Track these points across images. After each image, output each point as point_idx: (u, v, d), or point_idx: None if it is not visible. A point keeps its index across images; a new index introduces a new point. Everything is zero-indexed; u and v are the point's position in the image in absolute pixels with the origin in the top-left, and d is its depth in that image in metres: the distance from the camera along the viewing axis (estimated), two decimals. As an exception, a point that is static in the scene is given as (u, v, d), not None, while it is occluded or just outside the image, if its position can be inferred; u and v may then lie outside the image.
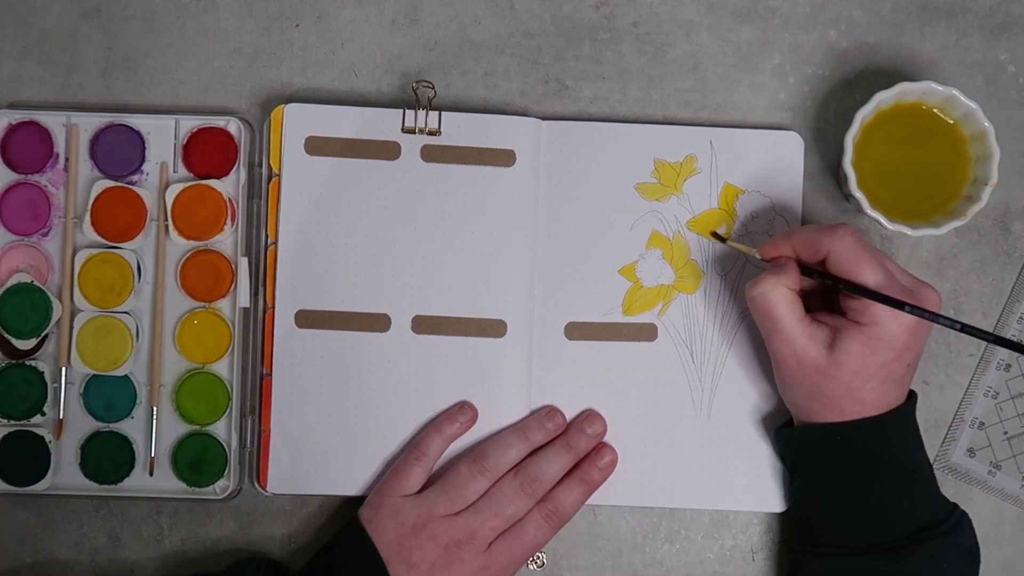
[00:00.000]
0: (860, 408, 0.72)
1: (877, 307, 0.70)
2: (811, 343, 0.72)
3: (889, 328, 0.70)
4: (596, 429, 0.79)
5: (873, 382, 0.71)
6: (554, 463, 0.78)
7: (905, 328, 0.70)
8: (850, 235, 0.72)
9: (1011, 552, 0.79)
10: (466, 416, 0.79)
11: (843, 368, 0.71)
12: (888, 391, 0.72)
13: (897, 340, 0.71)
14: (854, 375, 0.71)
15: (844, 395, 0.72)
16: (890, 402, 0.73)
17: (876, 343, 0.70)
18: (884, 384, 0.72)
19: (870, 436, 0.73)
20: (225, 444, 0.80)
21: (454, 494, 0.76)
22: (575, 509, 0.78)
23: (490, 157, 0.80)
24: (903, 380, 0.73)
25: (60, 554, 0.81)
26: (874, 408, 0.72)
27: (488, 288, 0.80)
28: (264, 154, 0.81)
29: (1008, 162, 0.79)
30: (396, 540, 0.75)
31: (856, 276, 0.71)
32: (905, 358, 0.72)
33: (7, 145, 0.81)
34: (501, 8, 0.83)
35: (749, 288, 0.74)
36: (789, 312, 0.72)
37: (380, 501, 0.77)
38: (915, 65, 0.83)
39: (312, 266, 0.80)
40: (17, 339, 0.80)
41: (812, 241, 0.73)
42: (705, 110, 0.83)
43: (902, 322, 0.70)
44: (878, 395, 0.72)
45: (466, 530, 0.75)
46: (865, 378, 0.71)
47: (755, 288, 0.73)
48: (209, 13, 0.83)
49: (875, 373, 0.71)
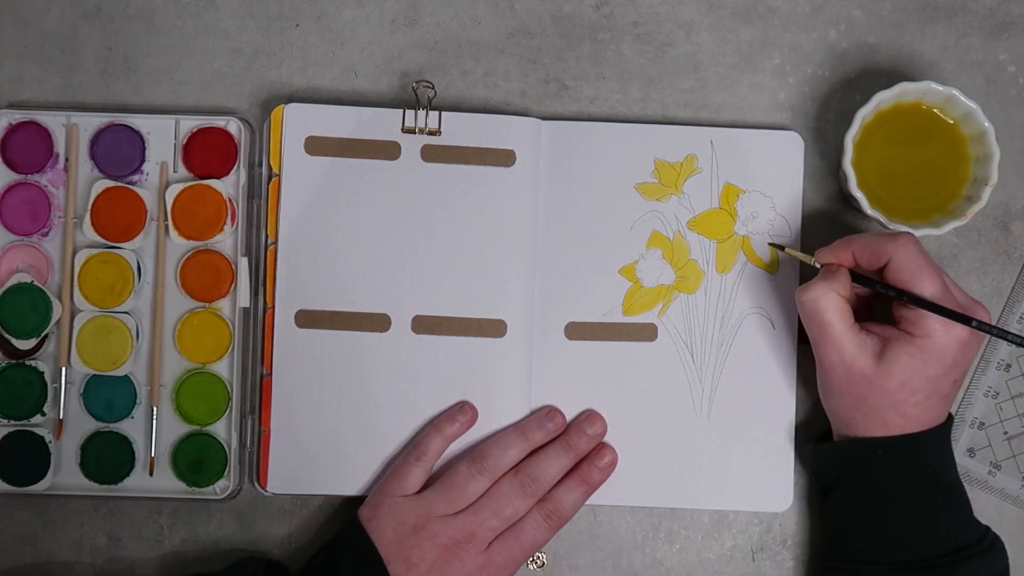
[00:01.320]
0: (903, 422, 0.72)
1: (930, 319, 0.70)
2: (860, 351, 0.72)
3: (941, 342, 0.70)
4: (596, 429, 0.79)
5: (919, 396, 0.71)
6: (554, 463, 0.78)
7: (956, 343, 0.70)
8: (913, 244, 0.71)
9: (1011, 552, 0.79)
10: (466, 416, 0.79)
11: (891, 379, 0.71)
12: (932, 407, 0.72)
13: (947, 355, 0.70)
14: (901, 387, 0.71)
15: (889, 407, 0.72)
16: (932, 419, 0.73)
17: (927, 356, 0.70)
18: (930, 399, 0.71)
19: (912, 453, 0.72)
20: (225, 444, 0.80)
21: (454, 494, 0.76)
22: (575, 509, 0.78)
23: (490, 157, 0.80)
24: (948, 397, 0.73)
25: (60, 554, 0.81)
26: (916, 423, 0.72)
27: (488, 288, 0.80)
28: (264, 154, 0.81)
29: (1008, 162, 0.79)
30: (396, 540, 0.75)
31: (916, 286, 0.70)
32: (952, 374, 0.71)
33: (7, 145, 0.81)
34: (501, 8, 0.83)
35: (800, 293, 0.73)
36: (839, 319, 0.72)
37: (380, 501, 0.77)
38: (915, 65, 0.83)
39: (312, 266, 0.80)
40: (17, 339, 0.80)
41: (874, 248, 0.72)
42: (705, 110, 0.83)
43: (954, 337, 0.70)
44: (922, 410, 0.72)
45: (465, 530, 0.75)
46: (911, 391, 0.71)
47: (806, 293, 0.73)
48: (209, 13, 0.83)
49: (922, 387, 0.71)
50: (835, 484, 0.76)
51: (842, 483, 0.75)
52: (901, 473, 0.73)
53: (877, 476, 0.73)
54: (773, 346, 0.81)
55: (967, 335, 0.70)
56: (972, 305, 0.72)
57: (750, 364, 0.81)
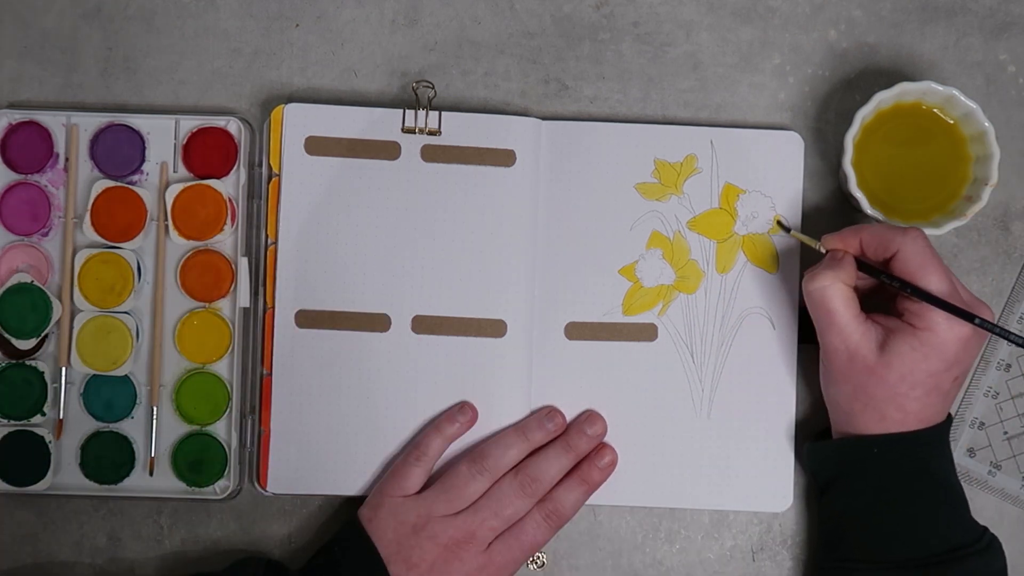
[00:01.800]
0: (902, 417, 0.72)
1: (934, 313, 0.70)
2: (864, 340, 0.72)
3: (944, 336, 0.70)
4: (596, 430, 0.79)
5: (919, 391, 0.71)
6: (554, 463, 0.78)
7: (959, 339, 0.70)
8: (922, 238, 0.72)
9: (1011, 552, 0.79)
10: (466, 416, 0.79)
11: (892, 370, 0.71)
12: (932, 403, 0.72)
13: (949, 350, 0.70)
14: (902, 379, 0.71)
15: (888, 399, 0.72)
16: (930, 416, 0.73)
17: (928, 349, 0.70)
18: (930, 395, 0.72)
19: (910, 451, 0.73)
20: (225, 444, 0.80)
21: (454, 494, 0.76)
22: (575, 509, 0.78)
23: (490, 157, 0.80)
24: (948, 395, 0.73)
25: (60, 554, 0.81)
26: (916, 419, 0.72)
27: (488, 288, 0.80)
28: (264, 154, 0.81)
29: (1008, 162, 0.79)
30: (396, 540, 0.75)
31: (922, 280, 0.71)
32: (954, 371, 0.71)
33: (7, 145, 0.81)
34: (501, 8, 0.83)
35: (807, 282, 0.73)
36: (845, 308, 0.72)
37: (380, 501, 0.77)
38: (915, 65, 0.83)
39: (312, 266, 0.80)
40: (17, 339, 0.80)
41: (883, 238, 0.72)
42: (705, 110, 0.83)
43: (956, 332, 0.70)
44: (921, 405, 0.72)
45: (465, 530, 0.75)
46: (912, 385, 0.71)
47: (813, 282, 0.73)
48: (209, 13, 0.83)
49: (922, 381, 0.71)
50: (832, 482, 0.76)
51: (839, 481, 0.75)
52: (899, 471, 0.73)
53: (875, 474, 0.73)
54: (773, 346, 0.81)
55: (969, 332, 0.70)
56: (977, 304, 0.72)
57: (750, 364, 0.81)
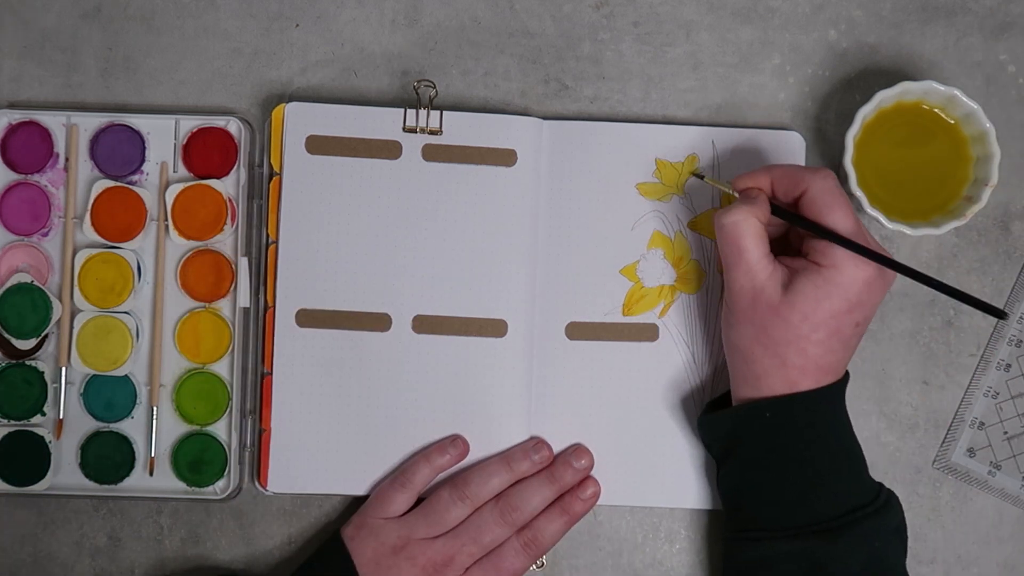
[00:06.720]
0: (802, 362, 0.71)
1: (838, 251, 0.70)
2: (770, 280, 0.71)
3: (847, 274, 0.70)
4: (584, 463, 0.79)
5: (820, 333, 0.71)
6: (536, 494, 0.77)
7: (862, 279, 0.70)
8: (831, 178, 0.72)
9: (1011, 552, 0.79)
10: (457, 449, 0.79)
11: (795, 309, 0.70)
12: (832, 348, 0.71)
13: (852, 289, 0.70)
14: (804, 319, 0.70)
15: (789, 342, 0.71)
16: (830, 364, 0.72)
17: (831, 287, 0.70)
18: (831, 339, 0.71)
19: (802, 413, 0.72)
20: (225, 444, 0.80)
21: (434, 519, 0.76)
22: (555, 540, 0.78)
23: (491, 157, 0.80)
24: (848, 342, 0.72)
25: (60, 554, 0.81)
26: (815, 367, 0.71)
27: (489, 288, 0.80)
28: (265, 153, 0.81)
29: (1008, 162, 0.79)
30: (375, 559, 0.75)
31: (828, 219, 0.71)
32: (855, 315, 0.71)
33: (7, 145, 0.81)
34: (501, 8, 0.83)
35: (719, 216, 0.73)
36: (755, 245, 0.72)
37: (363, 522, 0.77)
38: (915, 65, 0.83)
39: (313, 265, 0.80)
40: (17, 339, 0.80)
41: (792, 177, 0.73)
42: (705, 110, 0.83)
43: (860, 272, 0.70)
44: (823, 350, 0.71)
45: (444, 553, 0.76)
46: (813, 326, 0.70)
47: (726, 216, 0.72)
48: (209, 13, 0.83)
49: (824, 323, 0.70)
50: (727, 453, 0.75)
51: (733, 451, 0.75)
52: (791, 436, 0.72)
53: (765, 440, 0.73)
54: (773, 346, 0.81)
55: (873, 272, 0.70)
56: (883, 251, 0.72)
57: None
